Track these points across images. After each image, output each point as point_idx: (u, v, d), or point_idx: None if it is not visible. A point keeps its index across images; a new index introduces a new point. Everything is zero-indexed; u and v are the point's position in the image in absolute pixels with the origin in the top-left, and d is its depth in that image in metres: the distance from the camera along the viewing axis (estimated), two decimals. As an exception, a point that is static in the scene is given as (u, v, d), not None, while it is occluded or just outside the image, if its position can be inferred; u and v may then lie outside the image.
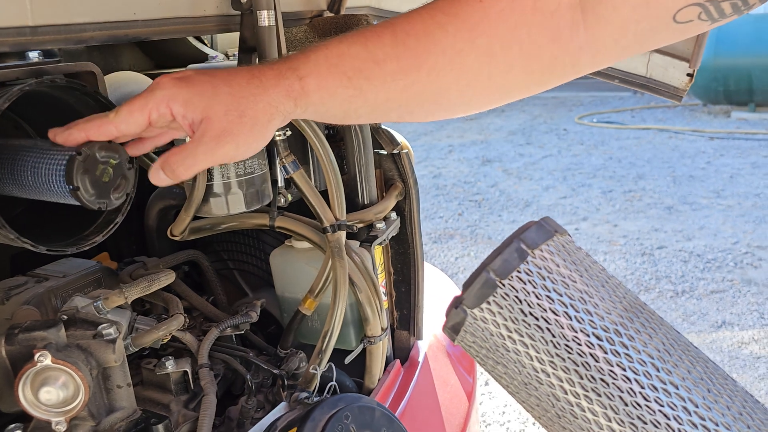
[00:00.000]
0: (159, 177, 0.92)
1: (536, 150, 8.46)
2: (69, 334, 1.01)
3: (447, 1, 0.82)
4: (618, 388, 0.49)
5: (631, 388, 0.48)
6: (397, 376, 1.54)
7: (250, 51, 1.38)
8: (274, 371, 1.32)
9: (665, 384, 0.48)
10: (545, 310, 0.50)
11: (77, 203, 1.03)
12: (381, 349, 1.43)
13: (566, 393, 0.49)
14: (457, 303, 0.53)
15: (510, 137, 9.20)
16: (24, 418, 1.04)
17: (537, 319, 0.50)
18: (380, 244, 1.46)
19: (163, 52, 1.75)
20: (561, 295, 0.50)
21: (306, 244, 1.42)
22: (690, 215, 5.88)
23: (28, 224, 1.14)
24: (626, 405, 0.48)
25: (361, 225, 1.43)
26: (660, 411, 0.47)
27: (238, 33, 1.48)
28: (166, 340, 1.23)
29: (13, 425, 1.01)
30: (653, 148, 8.17)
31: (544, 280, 0.50)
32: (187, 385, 1.26)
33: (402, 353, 1.64)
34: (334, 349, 1.35)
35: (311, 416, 1.11)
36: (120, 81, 1.46)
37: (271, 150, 1.29)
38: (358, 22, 1.59)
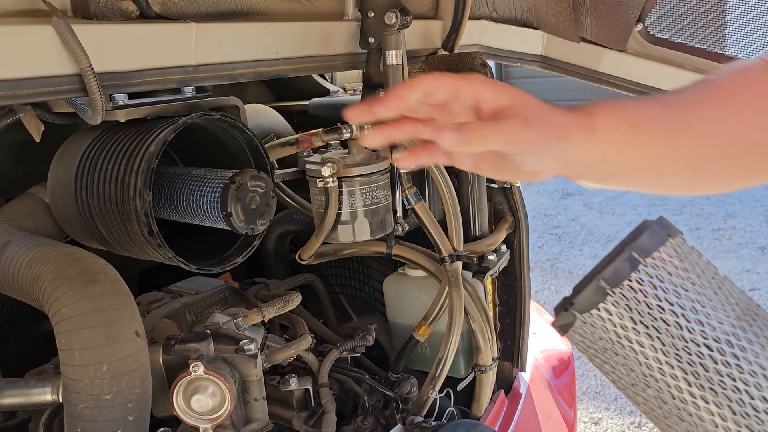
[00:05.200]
0: (449, 138, 0.76)
1: (618, 184, 8.27)
2: (214, 348, 1.09)
3: None
4: (730, 394, 0.50)
5: (741, 399, 0.49)
6: (502, 406, 1.56)
7: (375, 87, 1.46)
8: (389, 394, 1.37)
9: None
10: (655, 319, 0.50)
11: (227, 228, 1.12)
12: (490, 378, 1.46)
13: (676, 395, 0.50)
14: (566, 306, 0.53)
15: (591, 170, 9.04)
16: (171, 422, 1.13)
17: (647, 327, 0.51)
18: (491, 275, 1.50)
19: (285, 87, 1.86)
20: (672, 305, 0.50)
21: (419, 272, 1.47)
22: (785, 257, 5.63)
23: (169, 243, 1.23)
24: (738, 414, 0.49)
25: (473, 256, 1.48)
26: None
27: (357, 70, 1.58)
28: (291, 359, 1.30)
29: (162, 429, 1.10)
30: (744, 185, 7.86)
31: (656, 289, 0.50)
32: (307, 402, 1.33)
33: (505, 384, 1.66)
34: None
35: (432, 439, 1.14)
36: (251, 113, 1.56)
37: (393, 181, 1.35)
38: (471, 60, 1.66)
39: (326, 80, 1.86)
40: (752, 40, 1.77)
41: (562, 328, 0.55)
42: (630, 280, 0.51)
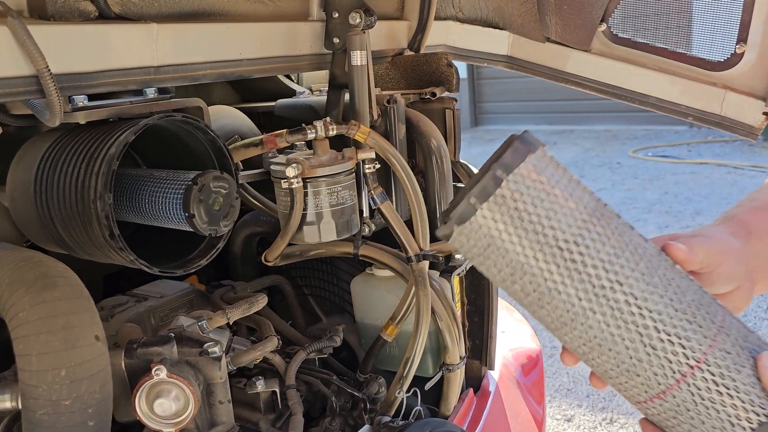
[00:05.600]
0: None
1: (589, 183, 8.37)
2: (178, 351, 1.08)
3: None
4: (577, 285, 0.63)
5: (585, 288, 0.63)
6: (471, 405, 1.57)
7: (340, 87, 1.46)
8: (357, 394, 1.37)
9: (618, 276, 0.63)
10: (517, 228, 0.63)
11: (190, 229, 1.11)
12: (458, 376, 1.47)
13: (535, 289, 0.64)
14: (445, 219, 0.65)
15: (562, 170, 9.13)
16: (134, 427, 1.11)
17: (510, 235, 0.63)
18: (459, 274, 1.51)
19: (250, 88, 1.85)
20: (530, 214, 0.62)
21: (387, 273, 1.47)
22: (751, 253, 5.73)
23: (132, 246, 1.22)
24: (584, 300, 0.63)
25: (440, 255, 1.48)
26: (615, 298, 0.63)
27: (324, 71, 1.58)
28: (258, 361, 1.29)
29: (125, 435, 1.08)
30: (711, 183, 8.01)
31: (516, 201, 0.62)
32: (274, 404, 1.32)
33: (474, 382, 1.67)
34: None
35: (398, 439, 1.15)
36: (215, 114, 1.55)
37: (359, 182, 1.35)
38: (437, 60, 1.67)
39: (293, 81, 1.85)
40: (713, 39, 1.80)
41: (445, 237, 0.66)
42: (495, 196, 0.62)
